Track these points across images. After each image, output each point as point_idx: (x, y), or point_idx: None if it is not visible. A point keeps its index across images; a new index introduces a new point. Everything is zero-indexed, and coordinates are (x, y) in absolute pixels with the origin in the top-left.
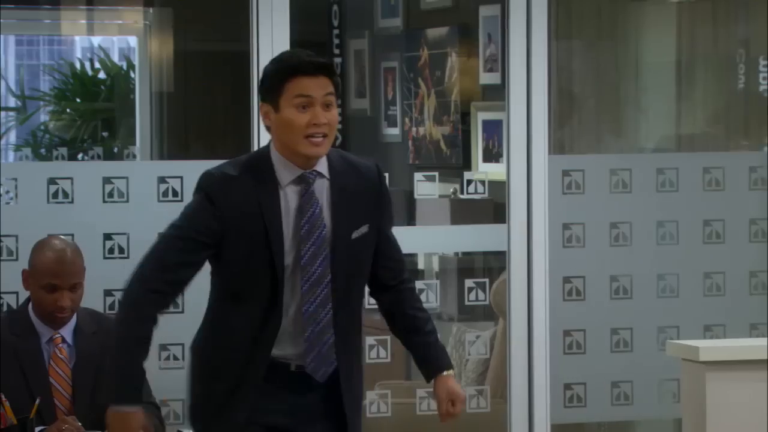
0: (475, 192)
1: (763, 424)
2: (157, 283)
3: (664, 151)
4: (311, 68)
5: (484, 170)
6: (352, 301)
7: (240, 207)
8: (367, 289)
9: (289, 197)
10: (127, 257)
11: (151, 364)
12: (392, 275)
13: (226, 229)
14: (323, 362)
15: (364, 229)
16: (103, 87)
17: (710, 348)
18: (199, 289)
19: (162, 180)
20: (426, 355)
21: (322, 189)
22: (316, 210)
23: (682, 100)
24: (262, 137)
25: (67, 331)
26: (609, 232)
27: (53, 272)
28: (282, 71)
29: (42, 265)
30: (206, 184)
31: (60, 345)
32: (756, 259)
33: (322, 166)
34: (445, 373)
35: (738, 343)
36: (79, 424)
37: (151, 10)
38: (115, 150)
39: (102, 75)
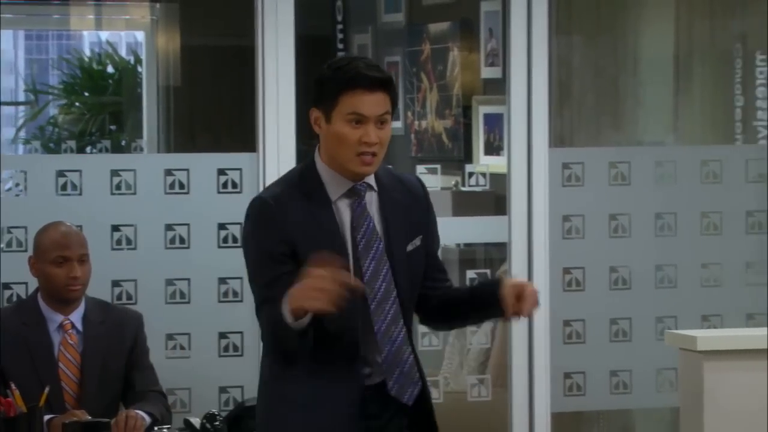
0: (477, 184)
1: (760, 413)
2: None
3: (663, 144)
4: (369, 83)
5: (486, 163)
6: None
7: (300, 227)
8: None
9: (342, 211)
10: (135, 248)
11: (157, 354)
12: (440, 286)
13: (295, 248)
14: (407, 382)
15: (417, 241)
16: (110, 81)
17: (708, 338)
18: (204, 279)
19: (169, 172)
20: (473, 294)
21: (371, 201)
22: (370, 224)
23: (680, 94)
24: (267, 131)
25: (76, 317)
26: (608, 224)
27: (61, 245)
28: (338, 81)
29: (49, 241)
30: (259, 210)
31: (70, 331)
32: (753, 251)
33: (370, 178)
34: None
35: (735, 332)
36: (89, 417)
37: (157, 5)
38: (123, 143)
39: (110, 69)
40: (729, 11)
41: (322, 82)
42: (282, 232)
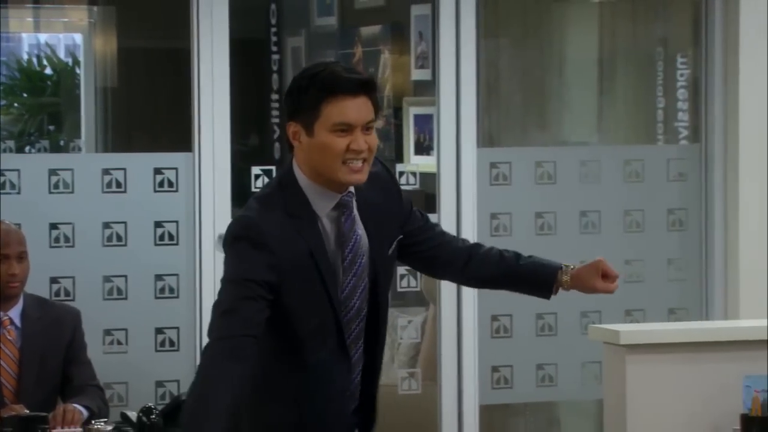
0: (407, 183)
1: (681, 405)
2: (228, 329)
3: (587, 144)
4: (351, 87)
5: (416, 162)
6: (382, 325)
7: (289, 247)
8: None
9: (327, 226)
10: (73, 246)
11: (95, 349)
12: (459, 250)
13: (282, 277)
14: (350, 398)
15: (396, 244)
16: (49, 82)
17: (630, 332)
18: (141, 276)
19: (106, 172)
20: (535, 272)
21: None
22: (357, 238)
23: (604, 96)
24: (203, 132)
25: (14, 314)
26: (534, 222)
27: (0, 242)
28: (318, 90)
29: None
30: (246, 230)
31: (8, 327)
32: (674, 248)
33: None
34: (563, 267)
35: (657, 327)
36: (27, 411)
37: (95, 8)
38: (61, 143)
39: (48, 71)
40: (651, 16)
41: (298, 93)
42: (272, 256)
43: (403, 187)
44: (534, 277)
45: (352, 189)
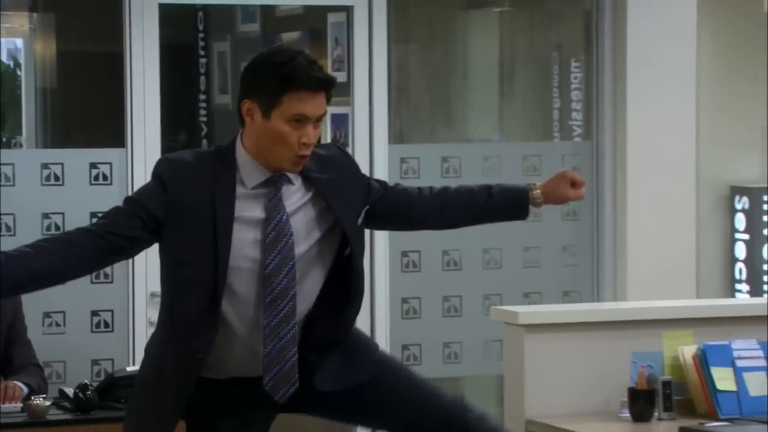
0: None
1: (574, 379)
2: (89, 225)
3: (489, 141)
4: (314, 84)
5: None
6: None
7: (191, 195)
8: None
9: (255, 200)
10: (14, 235)
11: (35, 330)
12: (425, 206)
13: (170, 218)
14: (283, 381)
15: (362, 209)
16: None
17: (528, 313)
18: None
19: (45, 166)
20: (508, 198)
21: (291, 193)
22: (282, 217)
23: (505, 97)
24: (135, 129)
25: None
26: None
27: None
28: (282, 81)
29: None
30: (161, 168)
31: None
32: (568, 236)
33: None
34: (530, 186)
35: (552, 308)
36: None
37: (35, 15)
38: (4, 139)
39: None
40: (547, 24)
41: (262, 77)
42: (168, 196)
43: None
44: (508, 204)
45: (289, 175)
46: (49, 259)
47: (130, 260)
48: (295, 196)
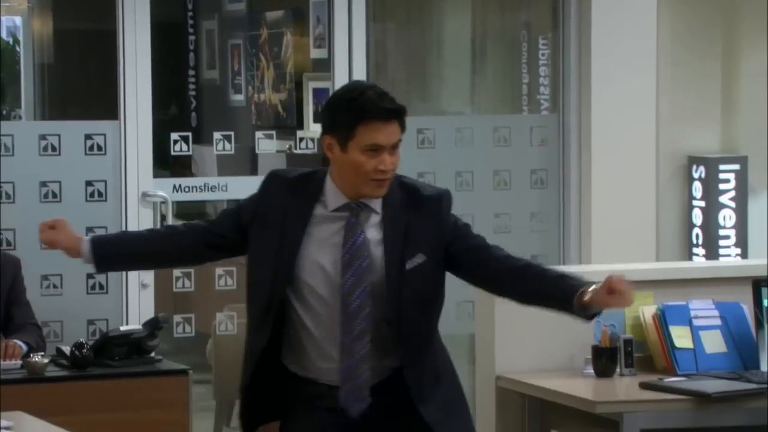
0: (307, 148)
1: (540, 338)
2: (200, 223)
3: (462, 114)
4: (385, 114)
5: (314, 129)
6: (415, 333)
7: (271, 208)
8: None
9: (333, 221)
10: (13, 202)
11: (34, 292)
12: (492, 258)
13: (253, 225)
14: (355, 397)
15: (418, 259)
16: None
17: None
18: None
19: (43, 137)
20: (560, 291)
21: (368, 219)
22: (357, 240)
23: (476, 72)
24: (127, 103)
25: None
26: None
27: None
28: (355, 114)
29: None
30: (265, 179)
31: None
32: (536, 203)
33: (374, 201)
34: (581, 290)
35: None
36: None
37: None
38: (3, 112)
39: None
40: (516, 3)
41: (335, 112)
42: (258, 206)
43: (303, 152)
44: (561, 297)
45: (370, 204)
46: (155, 245)
47: (123, 226)
48: (377, 225)
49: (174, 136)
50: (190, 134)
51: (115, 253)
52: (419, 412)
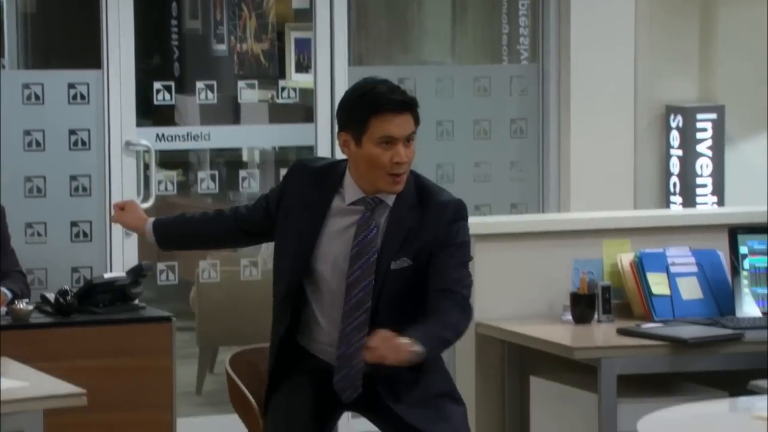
0: (289, 97)
1: (520, 285)
2: (237, 209)
3: (443, 64)
4: (396, 106)
5: (296, 79)
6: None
7: (296, 197)
8: None
9: (349, 214)
10: None
11: (18, 240)
12: (430, 299)
13: (279, 213)
14: (349, 385)
15: (403, 263)
16: None
17: (478, 224)
18: (57, 176)
19: (26, 86)
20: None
21: (381, 214)
22: (369, 235)
23: (457, 23)
24: (110, 52)
25: None
26: None
27: None
28: (366, 107)
29: None
30: (291, 169)
31: None
32: (516, 152)
33: (389, 195)
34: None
35: (501, 219)
36: None
37: None
38: None
39: None
40: None
41: (349, 109)
42: (283, 193)
43: (285, 101)
44: None
45: (384, 198)
46: (204, 227)
47: (106, 174)
48: (385, 218)
49: (157, 85)
50: (172, 83)
51: (173, 232)
52: (396, 412)
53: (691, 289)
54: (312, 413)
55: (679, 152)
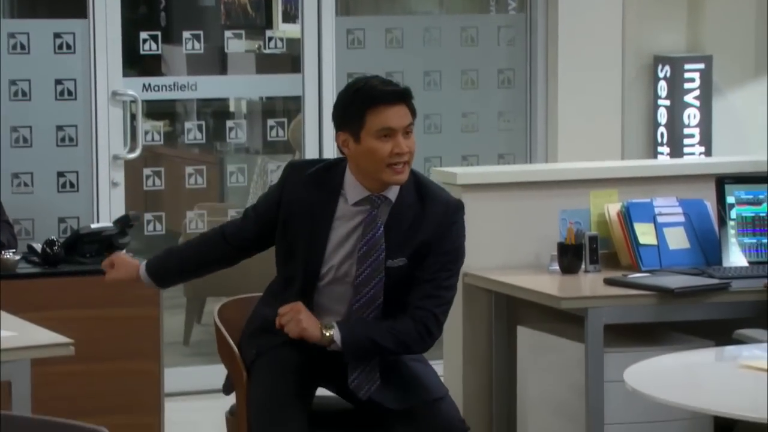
0: (276, 47)
1: (508, 235)
2: (224, 234)
3: (430, 14)
4: (390, 97)
5: (284, 29)
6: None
7: (299, 201)
8: None
9: (354, 215)
10: None
11: (5, 190)
12: (409, 305)
13: (281, 218)
14: (365, 381)
15: (399, 261)
16: None
17: (466, 174)
18: (44, 126)
19: (12, 36)
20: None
21: (385, 213)
22: (377, 233)
23: None
24: (96, 1)
25: None
26: None
27: None
28: (361, 102)
29: None
30: (286, 173)
31: None
32: (503, 102)
33: (392, 191)
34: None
35: (488, 169)
36: None
37: None
38: None
39: None
40: None
41: (343, 106)
42: (285, 195)
43: (272, 51)
44: None
45: (388, 195)
46: (197, 259)
47: (93, 124)
48: (387, 214)
49: (143, 35)
50: (159, 33)
51: (169, 272)
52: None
53: (678, 239)
54: (297, 373)
55: (667, 102)
